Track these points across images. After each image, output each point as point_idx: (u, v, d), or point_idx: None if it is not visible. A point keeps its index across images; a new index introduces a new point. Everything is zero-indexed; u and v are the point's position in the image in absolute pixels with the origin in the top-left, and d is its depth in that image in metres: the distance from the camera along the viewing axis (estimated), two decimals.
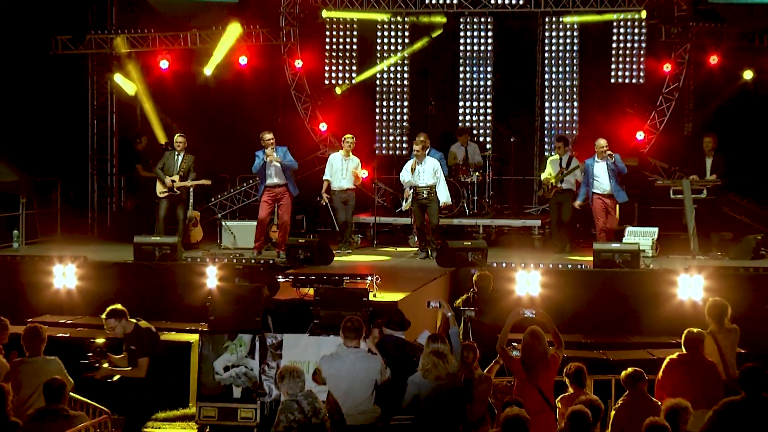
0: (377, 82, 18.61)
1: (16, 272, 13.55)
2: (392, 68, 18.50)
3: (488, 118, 18.36)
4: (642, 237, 13.98)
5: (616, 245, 13.07)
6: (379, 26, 18.38)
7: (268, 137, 14.02)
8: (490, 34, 18.22)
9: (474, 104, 18.38)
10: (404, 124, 18.61)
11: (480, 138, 18.18)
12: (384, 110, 18.68)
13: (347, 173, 14.74)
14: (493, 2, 17.79)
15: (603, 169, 14.01)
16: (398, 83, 18.60)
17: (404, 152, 17.91)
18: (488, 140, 18.28)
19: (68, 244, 15.12)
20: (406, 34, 18.31)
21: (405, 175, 14.24)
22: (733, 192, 16.11)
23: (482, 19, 18.19)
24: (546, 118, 18.23)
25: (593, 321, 12.22)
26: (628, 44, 17.74)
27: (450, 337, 8.38)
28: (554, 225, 14.86)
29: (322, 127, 18.17)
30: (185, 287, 12.72)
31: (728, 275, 12.43)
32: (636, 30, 17.69)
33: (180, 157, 14.67)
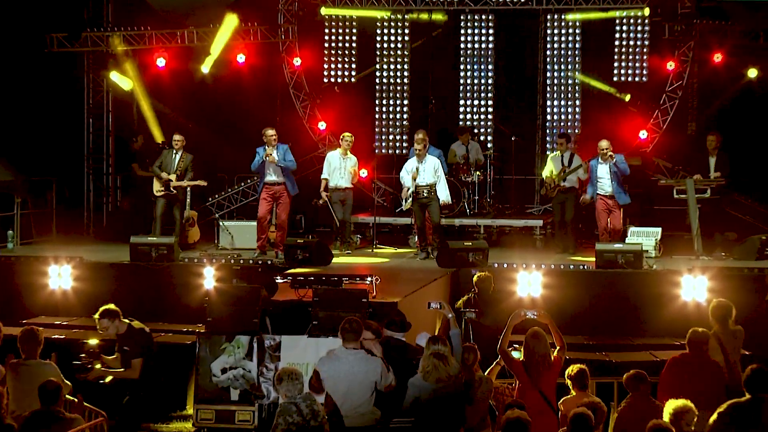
0: (376, 80, 18.48)
1: (11, 273, 13.45)
2: (391, 66, 18.37)
3: (489, 117, 18.25)
4: (645, 237, 13.92)
5: (619, 246, 12.98)
6: (379, 24, 18.25)
7: (271, 133, 13.85)
8: (491, 32, 18.14)
9: (475, 103, 18.27)
10: (404, 123, 18.48)
11: (481, 137, 18.06)
12: (383, 109, 18.57)
13: (345, 172, 14.62)
14: None
15: (605, 171, 13.91)
16: (398, 81, 18.47)
17: (404, 151, 17.77)
18: (489, 139, 18.16)
19: (64, 245, 15.01)
20: (407, 32, 18.18)
21: (406, 179, 14.08)
22: (738, 191, 16.03)
23: (483, 17, 18.09)
24: (548, 117, 18.12)
25: (595, 322, 12.14)
26: (631, 42, 17.62)
27: (451, 339, 8.35)
28: (557, 225, 14.76)
29: (321, 126, 18.06)
30: (182, 288, 12.62)
31: (732, 276, 12.34)
32: (639, 27, 17.58)
33: (177, 156, 14.56)
